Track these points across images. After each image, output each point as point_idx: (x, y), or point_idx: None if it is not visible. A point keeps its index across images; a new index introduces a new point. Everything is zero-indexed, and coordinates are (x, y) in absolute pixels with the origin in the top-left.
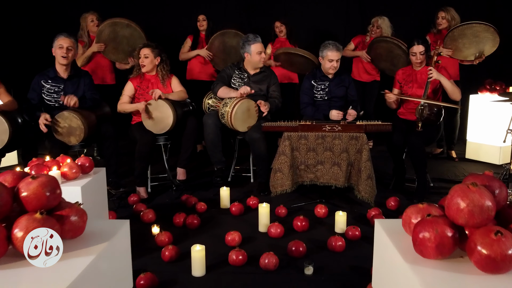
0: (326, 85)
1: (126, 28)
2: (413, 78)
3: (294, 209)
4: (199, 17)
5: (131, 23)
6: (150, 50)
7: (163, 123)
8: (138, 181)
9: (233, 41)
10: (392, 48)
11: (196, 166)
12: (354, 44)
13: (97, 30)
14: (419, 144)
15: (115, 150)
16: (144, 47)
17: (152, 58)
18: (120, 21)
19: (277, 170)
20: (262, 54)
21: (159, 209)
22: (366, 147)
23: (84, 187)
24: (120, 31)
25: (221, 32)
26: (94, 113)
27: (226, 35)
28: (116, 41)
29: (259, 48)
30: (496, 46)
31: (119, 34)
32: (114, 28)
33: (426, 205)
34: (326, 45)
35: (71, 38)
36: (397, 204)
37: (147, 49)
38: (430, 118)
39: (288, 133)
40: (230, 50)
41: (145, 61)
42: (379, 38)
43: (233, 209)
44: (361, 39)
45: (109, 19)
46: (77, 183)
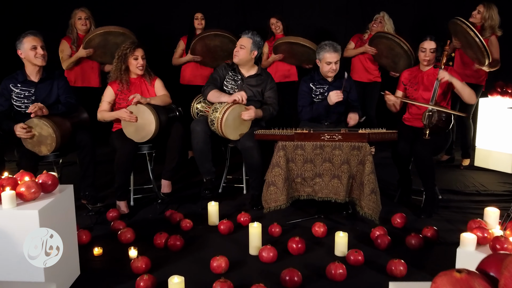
0: (325, 88)
1: (119, 36)
2: (419, 80)
3: (289, 226)
4: (196, 15)
5: (126, 31)
6: (143, 50)
7: (145, 131)
8: (118, 195)
9: (215, 41)
10: (393, 46)
11: (184, 175)
12: (353, 42)
13: (87, 38)
14: (427, 154)
15: (92, 160)
16: (138, 47)
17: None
18: (114, 30)
19: (271, 184)
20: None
21: (140, 227)
22: (370, 158)
23: (43, 211)
24: (112, 39)
25: (200, 37)
26: (69, 120)
27: (206, 38)
28: (106, 48)
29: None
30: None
31: (110, 42)
32: (106, 37)
33: (466, 275)
34: (322, 46)
35: (40, 36)
36: (403, 221)
37: (141, 50)
38: (438, 125)
39: (283, 142)
40: (216, 50)
41: (144, 63)
42: (380, 34)
43: (222, 227)
44: (358, 37)
45: (102, 28)
46: (36, 205)
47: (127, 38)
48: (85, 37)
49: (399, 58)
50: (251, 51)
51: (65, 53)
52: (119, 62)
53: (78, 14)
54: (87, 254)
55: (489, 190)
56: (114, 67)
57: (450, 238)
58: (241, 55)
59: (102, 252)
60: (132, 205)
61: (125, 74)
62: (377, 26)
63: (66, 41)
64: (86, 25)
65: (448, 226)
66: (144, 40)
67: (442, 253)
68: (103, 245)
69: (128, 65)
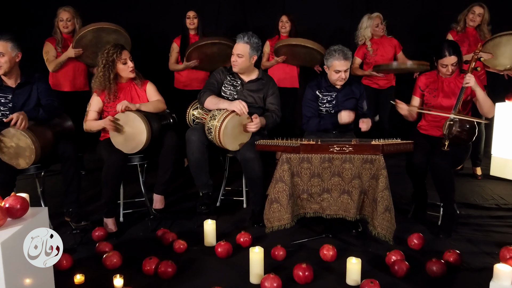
0: (333, 96)
1: (112, 34)
2: (438, 86)
3: (294, 247)
4: (188, 13)
5: (120, 29)
6: (128, 51)
7: (135, 141)
8: (105, 211)
9: (212, 49)
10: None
11: (179, 185)
12: (360, 58)
13: (78, 35)
14: (446, 167)
15: (76, 174)
16: (124, 49)
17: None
18: (108, 27)
19: (274, 200)
20: (233, 57)
21: (129, 248)
22: (384, 173)
23: (7, 243)
24: (105, 36)
25: (195, 47)
26: (51, 129)
27: (203, 47)
28: (97, 47)
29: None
30: None
31: (102, 40)
32: (99, 34)
33: None
34: (331, 52)
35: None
36: (421, 242)
37: (127, 52)
38: (461, 136)
39: (287, 154)
40: (214, 56)
41: (133, 64)
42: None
43: (219, 250)
44: (364, 50)
45: (94, 24)
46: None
47: (121, 36)
48: (76, 35)
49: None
50: (250, 57)
51: (51, 54)
52: (106, 70)
53: (61, 15)
54: (68, 281)
55: (510, 203)
56: (101, 76)
57: (475, 263)
58: (240, 64)
59: (84, 280)
60: (121, 221)
61: (113, 82)
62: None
63: (50, 43)
64: (68, 27)
65: (470, 247)
66: (136, 40)
67: (468, 282)
68: (86, 271)
69: (116, 72)
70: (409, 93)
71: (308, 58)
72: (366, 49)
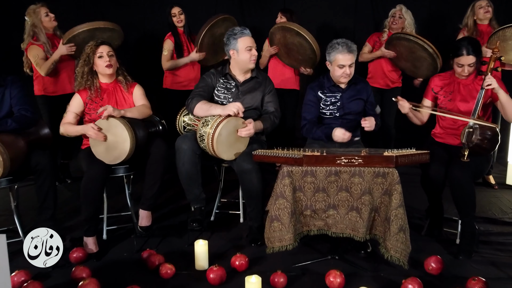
0: (337, 97)
1: (107, 32)
2: (454, 89)
3: (296, 271)
4: (173, 11)
5: (116, 27)
6: (110, 47)
7: (118, 150)
8: (85, 229)
9: (221, 28)
10: (414, 49)
11: (170, 197)
12: (370, 44)
13: (70, 35)
14: (467, 180)
15: (50, 188)
16: (102, 44)
17: (116, 58)
18: (104, 26)
19: (274, 218)
20: (252, 51)
21: (109, 273)
22: (398, 188)
23: None
24: (100, 35)
25: (209, 26)
26: (24, 138)
27: (215, 26)
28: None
29: (249, 43)
30: None
31: (96, 37)
32: (94, 33)
33: None
34: (334, 46)
35: None
36: (439, 267)
37: (106, 47)
38: (482, 145)
39: (289, 167)
40: (220, 40)
41: (112, 60)
42: (399, 35)
43: (211, 276)
44: (377, 37)
45: (90, 23)
46: None
47: (117, 34)
48: (67, 33)
49: (422, 62)
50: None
51: (40, 56)
52: (84, 65)
53: (42, 10)
54: None
55: None
56: (80, 72)
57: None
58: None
59: None
60: (104, 239)
61: (91, 78)
62: (397, 23)
63: (36, 45)
64: (52, 21)
65: (495, 271)
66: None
67: None
68: None
69: (93, 67)
70: (418, 95)
71: (300, 55)
72: (379, 39)
